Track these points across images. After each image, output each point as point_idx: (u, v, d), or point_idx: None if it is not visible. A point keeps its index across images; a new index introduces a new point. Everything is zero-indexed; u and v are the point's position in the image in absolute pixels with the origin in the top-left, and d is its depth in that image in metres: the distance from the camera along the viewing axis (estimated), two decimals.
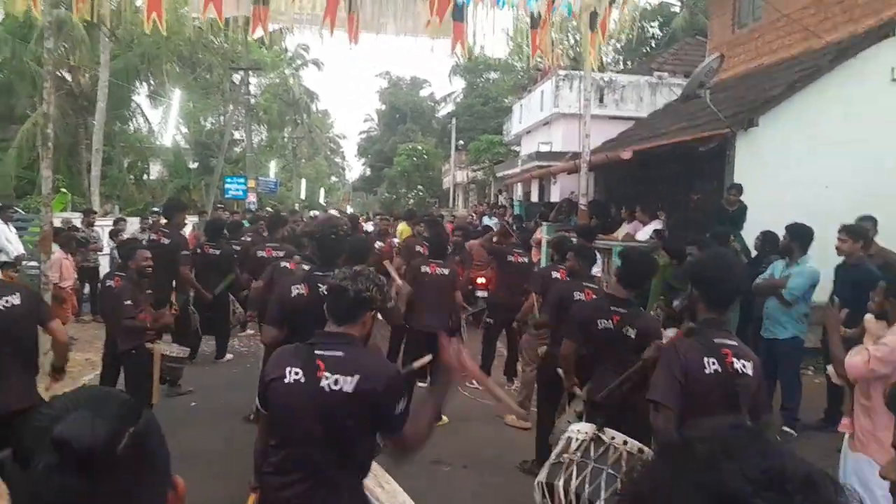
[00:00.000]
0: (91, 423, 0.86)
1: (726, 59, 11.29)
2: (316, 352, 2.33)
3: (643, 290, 4.36)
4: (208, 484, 4.02)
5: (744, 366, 2.64)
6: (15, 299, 3.55)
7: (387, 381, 2.31)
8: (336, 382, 2.26)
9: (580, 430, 3.36)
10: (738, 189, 8.16)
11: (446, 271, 6.40)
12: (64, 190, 17.82)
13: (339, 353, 2.32)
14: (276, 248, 7.59)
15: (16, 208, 13.30)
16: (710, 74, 9.31)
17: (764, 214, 7.70)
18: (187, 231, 11.34)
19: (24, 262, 10.38)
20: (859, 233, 5.92)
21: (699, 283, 2.81)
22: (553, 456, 3.41)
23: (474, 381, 7.61)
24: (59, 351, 3.93)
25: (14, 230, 10.90)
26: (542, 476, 3.34)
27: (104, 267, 11.19)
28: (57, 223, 10.47)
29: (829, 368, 4.33)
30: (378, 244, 12.36)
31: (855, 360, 3.52)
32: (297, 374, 2.29)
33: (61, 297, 9.15)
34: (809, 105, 9.03)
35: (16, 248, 10.40)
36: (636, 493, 0.73)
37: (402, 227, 12.05)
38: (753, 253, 7.33)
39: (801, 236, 6.02)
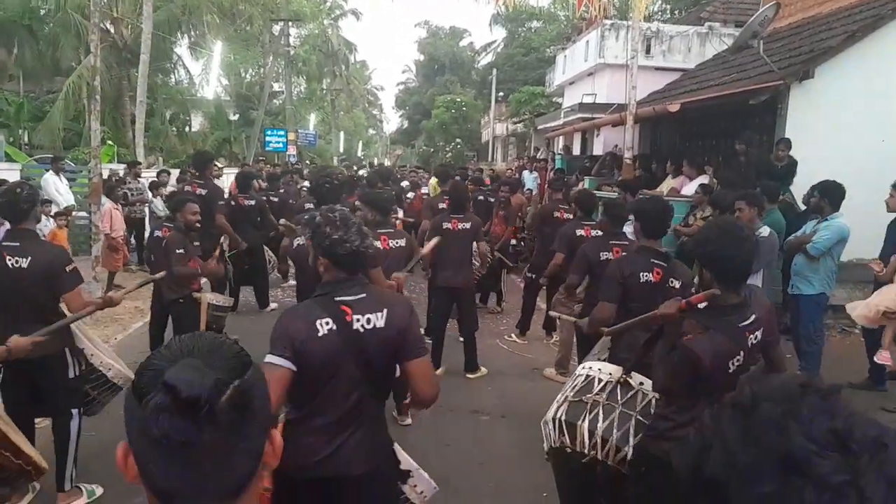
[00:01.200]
0: (201, 371, 0.91)
1: (782, 8, 10.82)
2: (337, 299, 2.43)
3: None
4: None
5: (756, 336, 2.61)
6: (24, 262, 3.60)
7: (408, 308, 2.54)
8: (369, 321, 2.41)
9: (602, 370, 3.23)
10: (787, 143, 7.90)
11: (468, 225, 6.39)
12: (110, 142, 18.14)
13: (363, 295, 2.45)
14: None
15: (66, 160, 13.60)
16: (765, 24, 8.95)
17: (817, 170, 7.46)
18: (227, 182, 11.53)
19: (74, 213, 10.68)
20: None
21: (709, 262, 2.62)
22: (571, 392, 3.26)
23: (513, 335, 7.71)
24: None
25: (65, 181, 11.18)
26: (559, 412, 3.22)
27: (149, 218, 11.43)
28: (104, 175, 10.71)
29: (853, 308, 4.25)
30: (410, 195, 12.47)
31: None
32: (327, 324, 2.36)
33: (114, 245, 9.43)
34: (869, 56, 8.62)
35: (66, 198, 10.68)
36: (702, 445, 0.75)
37: (433, 184, 12.05)
38: (802, 208, 7.16)
39: (831, 193, 5.85)
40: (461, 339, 6.65)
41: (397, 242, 5.26)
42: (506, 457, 4.82)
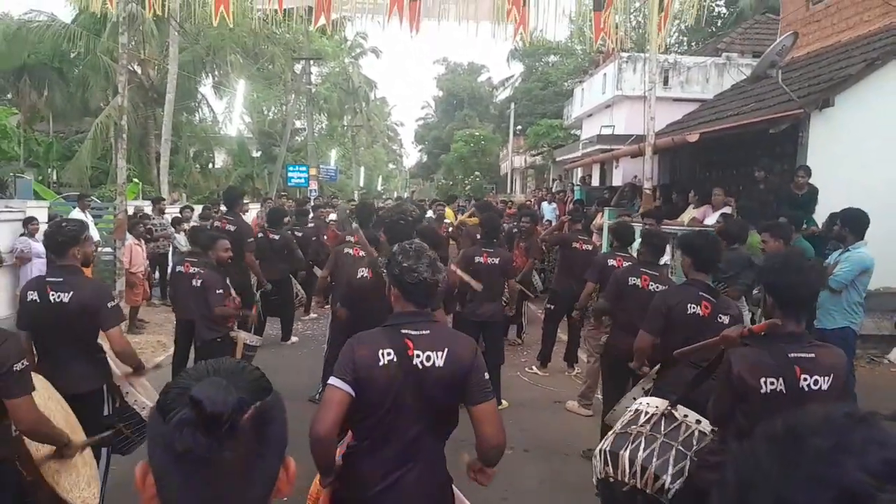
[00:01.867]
0: (225, 389, 0.93)
1: (800, 37, 10.85)
2: (402, 331, 2.44)
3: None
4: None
5: (815, 381, 2.51)
6: (65, 297, 3.63)
7: (472, 350, 2.50)
8: (428, 359, 2.39)
9: (650, 404, 3.28)
10: (807, 171, 7.83)
11: (497, 260, 6.37)
12: (136, 180, 18.51)
13: (426, 332, 2.45)
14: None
15: (92, 197, 13.88)
16: (783, 53, 8.96)
17: (838, 199, 7.38)
18: (250, 217, 11.67)
19: (99, 249, 10.85)
20: None
21: (772, 289, 2.64)
22: (619, 426, 3.33)
23: (534, 367, 7.64)
24: (122, 359, 3.88)
25: (91, 218, 11.39)
26: (605, 444, 3.28)
27: (172, 253, 11.58)
28: (129, 211, 10.90)
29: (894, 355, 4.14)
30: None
31: None
32: (388, 354, 2.37)
33: (132, 281, 9.53)
34: (889, 83, 8.59)
35: (92, 235, 10.85)
36: (740, 482, 0.70)
37: (449, 212, 12.21)
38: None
39: (853, 222, 5.67)
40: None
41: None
42: (530, 491, 4.74)
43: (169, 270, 9.43)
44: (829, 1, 11.72)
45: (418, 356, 2.38)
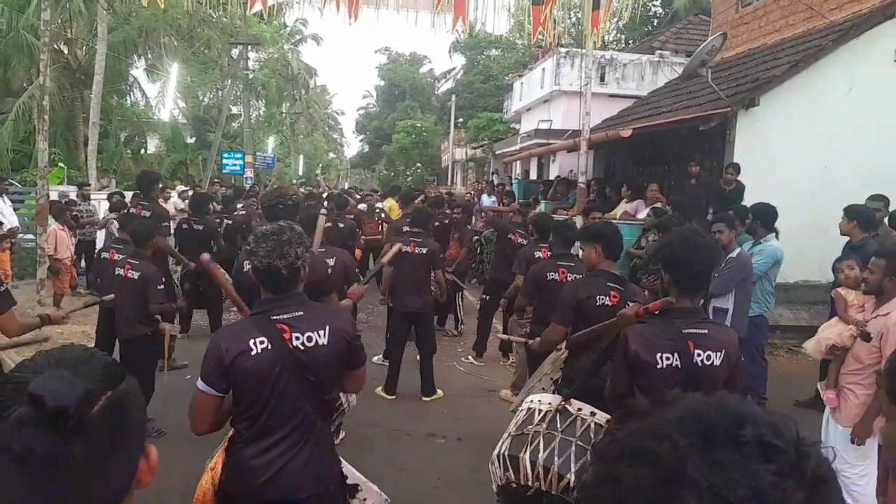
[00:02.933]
0: (68, 381, 0.86)
1: (729, 39, 11.22)
2: (272, 317, 2.37)
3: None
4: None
5: (708, 357, 2.55)
6: None
7: (349, 319, 2.58)
8: (310, 339, 2.36)
9: (542, 401, 3.23)
10: (736, 168, 8.14)
11: (424, 250, 6.39)
12: (61, 164, 17.74)
13: (299, 313, 2.39)
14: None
15: (11, 181, 13.23)
16: (713, 53, 9.25)
17: (763, 194, 7.67)
18: (175, 203, 11.36)
19: (20, 235, 10.36)
20: (853, 213, 5.91)
21: (669, 266, 2.68)
22: (514, 427, 3.26)
23: (470, 357, 7.70)
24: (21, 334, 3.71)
25: (9, 203, 10.85)
26: (503, 448, 3.20)
27: (100, 241, 11.15)
28: (53, 197, 10.45)
29: (807, 345, 4.34)
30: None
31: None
32: (262, 343, 2.31)
33: (57, 268, 9.15)
34: (812, 85, 8.97)
35: (10, 220, 10.35)
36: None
37: (391, 204, 12.16)
38: None
39: (764, 216, 5.97)
40: (419, 359, 6.63)
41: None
42: (462, 480, 4.77)
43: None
44: (758, 4, 12.16)
45: (298, 338, 2.34)
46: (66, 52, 21.29)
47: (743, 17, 12.54)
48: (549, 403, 3.19)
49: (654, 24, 26.20)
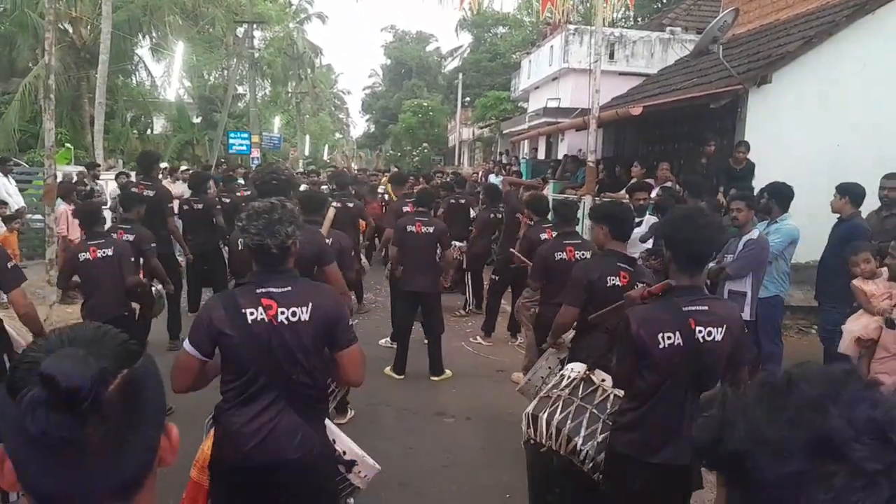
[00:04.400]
0: (82, 360, 0.83)
1: (741, 14, 11.04)
2: (258, 290, 2.45)
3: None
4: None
5: (710, 333, 2.57)
6: None
7: (335, 300, 2.58)
8: (294, 314, 2.43)
9: (573, 369, 3.37)
10: (746, 146, 8.02)
11: (431, 229, 6.36)
12: (68, 145, 17.71)
13: (288, 289, 2.46)
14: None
15: (17, 161, 13.22)
16: (724, 29, 9.10)
17: (774, 172, 7.56)
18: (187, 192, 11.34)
19: (28, 216, 10.36)
20: (843, 190, 5.84)
21: (670, 244, 2.71)
22: (544, 389, 3.45)
23: (478, 338, 7.68)
24: (26, 322, 3.69)
25: (14, 183, 10.84)
26: (529, 407, 3.41)
27: (108, 221, 11.14)
28: (60, 177, 10.43)
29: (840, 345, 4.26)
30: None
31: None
32: (252, 314, 2.40)
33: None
34: (825, 61, 8.82)
35: (16, 201, 10.35)
36: (725, 420, 0.72)
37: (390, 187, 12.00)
38: None
39: (779, 195, 5.87)
40: (426, 341, 6.62)
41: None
42: (470, 459, 4.78)
43: None
44: None
45: (283, 312, 2.42)
46: (70, 31, 21.17)
47: None
48: (578, 371, 3.32)
49: (664, 1, 25.85)
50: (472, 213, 9.80)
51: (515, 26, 34.37)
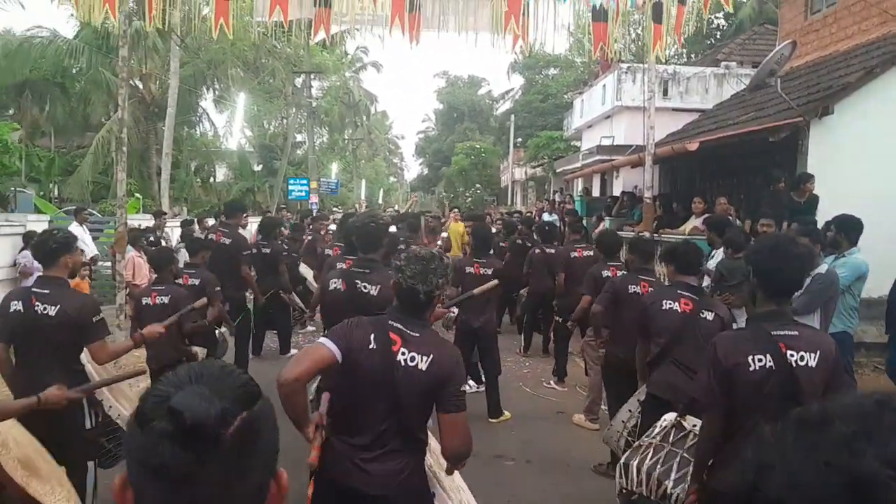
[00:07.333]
0: (208, 398, 0.86)
1: (798, 47, 10.86)
2: (390, 322, 2.52)
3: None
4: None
5: (802, 358, 2.48)
6: (52, 310, 3.57)
7: (455, 360, 2.57)
8: (412, 359, 2.46)
9: (666, 419, 3.39)
10: (809, 178, 7.81)
11: (489, 271, 6.37)
12: (137, 194, 18.52)
13: (417, 334, 2.51)
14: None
15: (91, 211, 13.89)
16: (782, 62, 8.96)
17: (838, 206, 7.34)
18: (251, 231, 11.68)
19: (98, 263, 10.82)
20: None
21: (757, 272, 2.65)
22: (638, 440, 3.52)
23: (552, 382, 7.53)
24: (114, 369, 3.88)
25: (88, 232, 11.37)
26: (622, 458, 3.49)
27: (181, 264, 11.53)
28: (130, 225, 10.89)
29: None
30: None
31: None
32: (373, 343, 2.47)
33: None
34: (889, 91, 8.57)
35: (90, 249, 10.84)
36: (761, 463, 0.69)
37: (454, 227, 11.96)
38: None
39: (848, 228, 5.67)
40: (478, 387, 6.60)
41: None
42: (531, 502, 4.68)
43: None
44: (828, 11, 11.75)
45: (403, 353, 2.45)
46: (140, 87, 22.36)
47: (812, 24, 12.14)
48: (669, 420, 3.36)
49: (717, 36, 25.68)
50: None
51: (566, 67, 34.59)
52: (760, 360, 2.48)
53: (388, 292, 3.66)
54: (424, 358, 2.46)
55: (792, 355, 2.48)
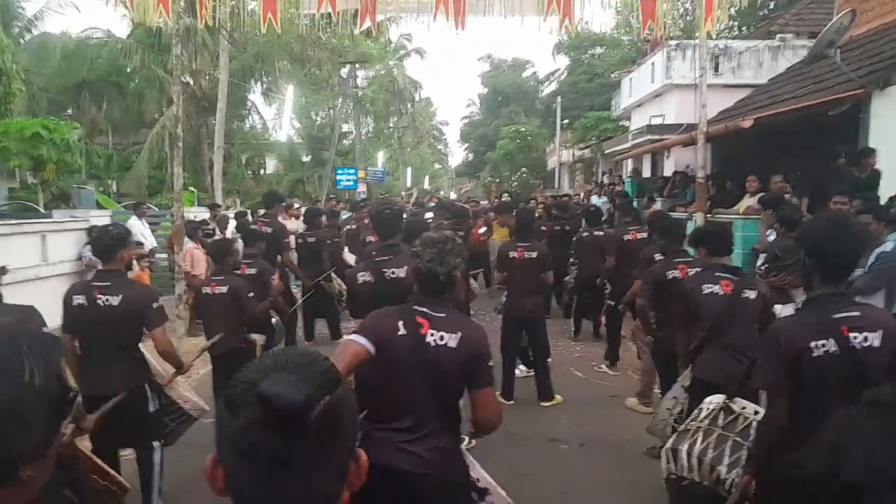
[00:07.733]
0: (294, 384, 0.90)
1: (858, 15, 10.43)
2: (415, 308, 2.58)
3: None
4: None
5: (865, 339, 2.41)
6: (115, 300, 3.77)
7: (483, 337, 2.63)
8: (441, 338, 2.52)
9: (711, 402, 3.34)
10: (870, 153, 7.50)
11: (535, 254, 6.32)
12: (192, 188, 19.00)
13: (443, 315, 2.57)
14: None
15: (149, 205, 14.32)
16: (841, 32, 8.63)
17: None
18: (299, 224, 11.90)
19: (156, 255, 11.16)
20: None
21: (812, 253, 2.57)
22: (682, 425, 3.46)
23: (603, 366, 7.47)
24: (165, 358, 4.08)
25: (147, 226, 11.73)
26: (668, 443, 3.42)
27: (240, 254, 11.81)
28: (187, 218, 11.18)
29: None
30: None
31: None
32: (402, 327, 2.53)
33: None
34: None
35: (150, 242, 11.18)
36: (839, 447, 0.69)
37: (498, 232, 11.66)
38: None
39: None
40: (528, 371, 6.62)
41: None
42: (586, 485, 4.69)
43: None
44: None
45: (432, 335, 2.52)
46: (191, 83, 22.86)
47: None
48: (716, 403, 3.31)
49: (771, 6, 24.78)
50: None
51: (613, 46, 33.89)
52: (824, 345, 2.41)
53: None
54: (454, 336, 2.52)
55: (855, 337, 2.42)
